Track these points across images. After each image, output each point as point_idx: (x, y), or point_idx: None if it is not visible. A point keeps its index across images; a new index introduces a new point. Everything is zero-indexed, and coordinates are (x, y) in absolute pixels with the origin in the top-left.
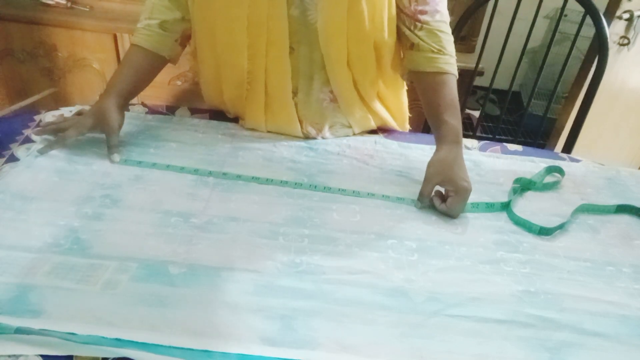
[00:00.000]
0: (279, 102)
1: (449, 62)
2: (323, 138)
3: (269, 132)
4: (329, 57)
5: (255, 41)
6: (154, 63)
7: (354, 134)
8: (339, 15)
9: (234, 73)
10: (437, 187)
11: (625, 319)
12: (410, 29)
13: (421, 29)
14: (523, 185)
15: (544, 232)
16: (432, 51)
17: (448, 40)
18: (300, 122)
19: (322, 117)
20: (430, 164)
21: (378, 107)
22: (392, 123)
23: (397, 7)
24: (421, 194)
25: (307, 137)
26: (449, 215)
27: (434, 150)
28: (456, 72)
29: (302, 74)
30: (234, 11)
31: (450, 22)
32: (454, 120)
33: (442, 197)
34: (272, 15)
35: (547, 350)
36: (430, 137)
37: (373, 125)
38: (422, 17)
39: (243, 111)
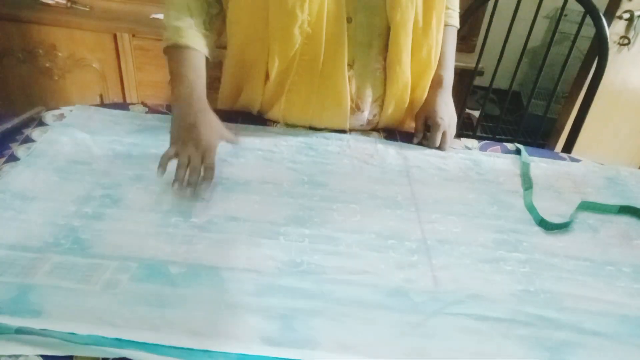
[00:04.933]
0: (332, 80)
1: (451, 15)
2: (363, 112)
3: (310, 125)
4: (394, 21)
5: (312, 19)
6: (206, 67)
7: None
8: None
9: (283, 61)
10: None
11: (624, 318)
12: None
13: None
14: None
15: (543, 224)
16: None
17: None
18: (350, 98)
19: (374, 88)
20: (420, 108)
21: (417, 92)
22: (409, 117)
23: None
24: (415, 130)
25: (353, 112)
26: (430, 147)
27: (433, 151)
28: (457, 24)
29: (360, 43)
30: None
31: None
32: (443, 70)
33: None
34: None
35: (546, 349)
36: None
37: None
38: None
39: (281, 94)
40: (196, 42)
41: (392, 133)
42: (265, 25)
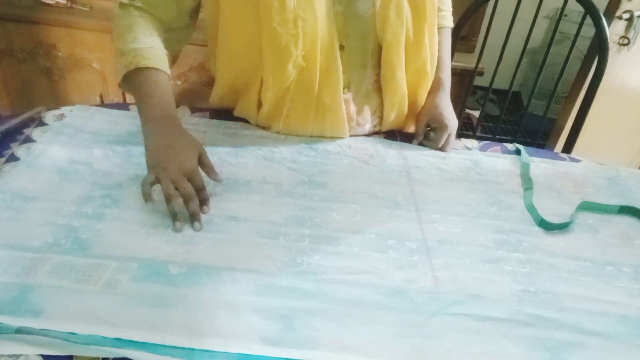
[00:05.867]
0: (328, 104)
1: (445, 17)
2: (364, 126)
3: (311, 136)
4: (386, 42)
5: (305, 52)
6: (170, 85)
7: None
8: None
9: (278, 90)
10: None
11: (625, 318)
12: None
13: None
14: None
15: (543, 224)
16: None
17: None
18: (349, 118)
19: (371, 102)
20: (420, 111)
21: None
22: (406, 124)
23: None
24: (416, 132)
25: (353, 129)
26: (433, 147)
27: (433, 151)
28: (451, 23)
29: (354, 65)
30: (285, 28)
31: None
32: (442, 74)
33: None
34: (319, 18)
35: (546, 349)
36: None
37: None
38: None
39: (279, 117)
40: (159, 62)
41: (392, 133)
42: (259, 59)
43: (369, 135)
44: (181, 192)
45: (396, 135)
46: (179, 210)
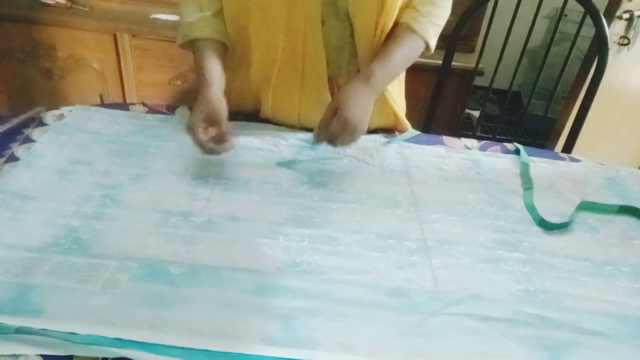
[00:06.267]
0: (314, 77)
1: (422, 22)
2: None
3: (299, 118)
4: (356, 26)
5: (292, 16)
6: (224, 51)
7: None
8: None
9: (266, 53)
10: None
11: (624, 318)
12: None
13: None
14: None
15: (543, 224)
16: (415, 9)
17: (439, 13)
18: (333, 96)
19: None
20: (334, 97)
21: (390, 98)
22: (398, 119)
23: None
24: (321, 120)
25: None
26: (331, 143)
27: (433, 151)
28: (429, 39)
29: (333, 45)
30: None
31: (450, 22)
32: (380, 68)
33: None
34: None
35: (546, 349)
36: (430, 137)
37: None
38: None
39: (267, 87)
40: (206, 32)
41: (392, 133)
42: (245, 34)
43: (367, 133)
44: (196, 137)
45: (396, 135)
46: (198, 139)
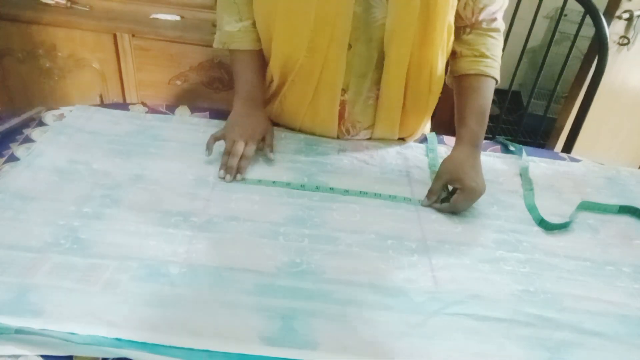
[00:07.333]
0: (325, 98)
1: (490, 65)
2: (354, 138)
3: (300, 129)
4: (389, 57)
5: (317, 36)
6: (264, 61)
7: (372, 138)
8: (410, 14)
9: (285, 65)
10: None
11: (624, 318)
12: (458, 35)
13: (470, 33)
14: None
15: (543, 224)
16: (475, 55)
17: (494, 44)
18: (341, 120)
19: (365, 116)
20: (442, 163)
21: (409, 121)
22: (410, 138)
23: (456, 14)
24: (430, 191)
25: (342, 135)
26: (452, 212)
27: (433, 150)
28: (497, 75)
29: (356, 71)
30: (301, 6)
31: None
32: (476, 125)
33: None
34: (339, 12)
35: (546, 349)
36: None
37: (395, 136)
38: (479, 25)
39: (277, 94)
40: (246, 44)
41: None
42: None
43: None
44: (231, 147)
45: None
46: (224, 162)
